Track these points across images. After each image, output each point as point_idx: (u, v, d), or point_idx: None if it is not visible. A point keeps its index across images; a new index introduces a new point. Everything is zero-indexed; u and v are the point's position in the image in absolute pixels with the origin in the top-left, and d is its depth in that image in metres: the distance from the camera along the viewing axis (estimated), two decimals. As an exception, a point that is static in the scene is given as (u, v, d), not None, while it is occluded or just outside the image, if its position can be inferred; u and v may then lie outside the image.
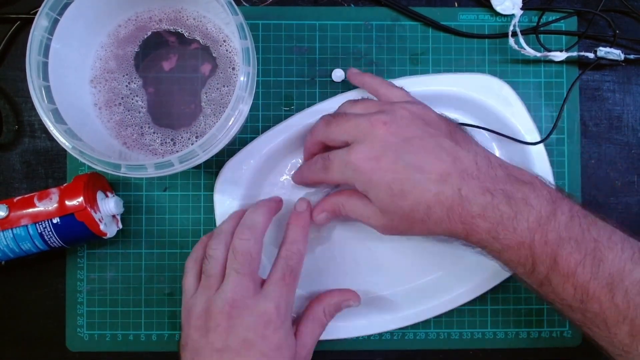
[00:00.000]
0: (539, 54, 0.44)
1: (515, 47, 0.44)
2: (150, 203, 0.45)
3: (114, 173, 0.36)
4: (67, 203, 0.40)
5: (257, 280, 0.37)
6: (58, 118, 0.36)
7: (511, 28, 0.44)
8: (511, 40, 0.44)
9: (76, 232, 0.40)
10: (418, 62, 0.46)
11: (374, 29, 0.46)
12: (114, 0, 0.41)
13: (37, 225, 0.40)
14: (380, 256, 0.44)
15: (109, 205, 0.42)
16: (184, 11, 0.43)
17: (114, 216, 0.43)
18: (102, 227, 0.41)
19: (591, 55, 0.45)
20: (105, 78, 0.43)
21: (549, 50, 0.45)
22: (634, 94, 0.47)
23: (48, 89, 0.37)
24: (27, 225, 0.40)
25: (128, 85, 0.43)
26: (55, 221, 0.40)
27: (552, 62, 0.45)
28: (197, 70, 0.44)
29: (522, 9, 0.45)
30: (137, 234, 0.45)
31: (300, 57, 0.46)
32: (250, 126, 0.45)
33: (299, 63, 0.46)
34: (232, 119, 0.36)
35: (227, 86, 0.43)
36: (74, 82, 0.41)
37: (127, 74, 0.43)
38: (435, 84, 0.44)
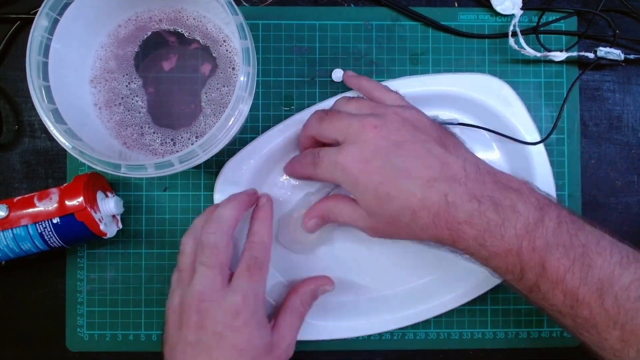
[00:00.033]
0: (539, 54, 0.44)
1: (515, 47, 0.44)
2: (150, 203, 0.45)
3: (114, 173, 0.36)
4: (67, 203, 0.40)
5: (225, 273, 0.37)
6: (58, 118, 0.36)
7: (511, 28, 0.44)
8: (511, 40, 0.44)
9: (76, 232, 0.40)
10: (418, 62, 0.46)
11: (374, 29, 0.46)
12: (114, 0, 0.41)
13: (37, 225, 0.40)
14: (381, 256, 0.44)
15: (109, 205, 0.42)
16: (184, 11, 0.43)
17: (114, 216, 0.43)
18: (102, 227, 0.41)
19: (591, 55, 0.45)
20: (105, 78, 0.43)
21: (549, 50, 0.45)
22: (634, 94, 0.47)
23: (48, 89, 0.37)
24: (27, 225, 0.40)
25: (128, 85, 0.43)
26: (55, 221, 0.40)
27: (552, 62, 0.45)
28: (197, 70, 0.44)
29: (522, 9, 0.45)
30: (137, 234, 0.45)
31: (300, 57, 0.46)
32: (250, 126, 0.45)
33: (299, 63, 0.46)
34: (232, 119, 0.36)
35: (227, 86, 0.43)
36: (74, 82, 0.41)
37: (127, 74, 0.43)
38: (435, 84, 0.44)
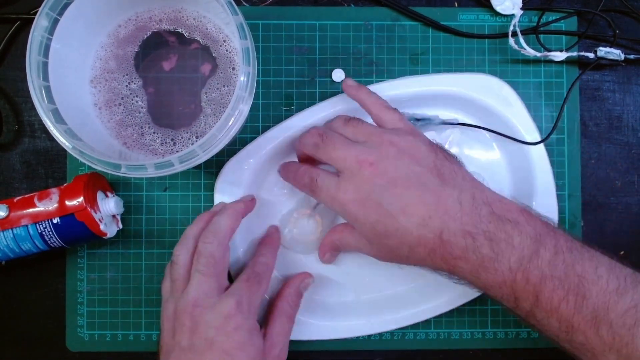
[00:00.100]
0: (539, 54, 0.44)
1: (515, 47, 0.44)
2: (150, 203, 0.45)
3: (114, 173, 0.36)
4: (67, 203, 0.40)
5: (222, 282, 0.38)
6: (58, 118, 0.36)
7: (511, 28, 0.44)
8: (511, 40, 0.44)
9: (76, 232, 0.40)
10: (418, 62, 0.46)
11: (374, 29, 0.46)
12: (114, 0, 0.41)
13: (37, 225, 0.40)
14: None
15: (109, 205, 0.42)
16: (184, 11, 0.43)
17: (114, 216, 0.43)
18: (102, 227, 0.41)
19: (591, 55, 0.45)
20: (105, 78, 0.43)
21: (549, 50, 0.44)
22: (634, 94, 0.47)
23: (48, 89, 0.37)
24: (27, 225, 0.40)
25: (128, 85, 0.43)
26: (55, 221, 0.40)
27: (552, 62, 0.45)
28: (197, 70, 0.44)
29: (522, 9, 0.45)
30: (137, 234, 0.45)
31: (300, 57, 0.46)
32: (250, 126, 0.45)
33: (299, 63, 0.46)
34: (232, 119, 0.36)
35: (227, 86, 0.43)
36: (74, 82, 0.41)
37: (127, 74, 0.43)
38: (435, 84, 0.44)
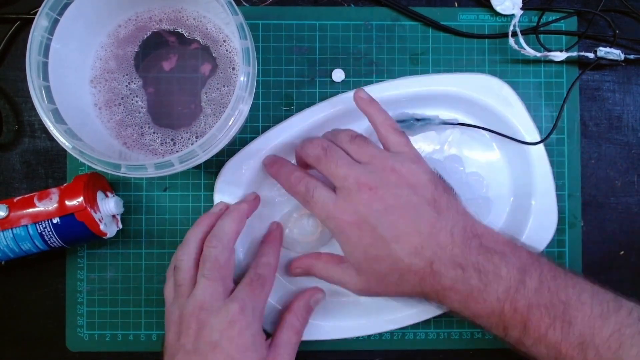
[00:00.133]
0: (539, 54, 0.44)
1: (515, 47, 0.44)
2: (150, 203, 0.45)
3: (114, 173, 0.36)
4: (67, 203, 0.40)
5: (227, 286, 0.38)
6: (58, 118, 0.36)
7: (511, 28, 0.44)
8: (511, 40, 0.44)
9: (76, 232, 0.40)
10: (418, 62, 0.46)
11: (374, 29, 0.46)
12: (114, 0, 0.41)
13: (37, 225, 0.40)
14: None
15: (109, 205, 0.42)
16: (184, 11, 0.43)
17: (114, 216, 0.43)
18: (102, 227, 0.41)
19: (591, 55, 0.45)
20: (105, 78, 0.43)
21: (549, 50, 0.44)
22: (634, 94, 0.47)
23: (48, 89, 0.37)
24: (27, 225, 0.40)
25: (128, 85, 0.43)
26: (55, 221, 0.40)
27: (552, 62, 0.45)
28: (197, 70, 0.44)
29: (522, 9, 0.45)
30: (137, 234, 0.45)
31: (300, 57, 0.46)
32: (250, 126, 0.45)
33: (299, 63, 0.46)
34: (232, 119, 0.36)
35: (227, 86, 0.43)
36: (74, 82, 0.41)
37: (127, 74, 0.43)
38: (435, 84, 0.44)
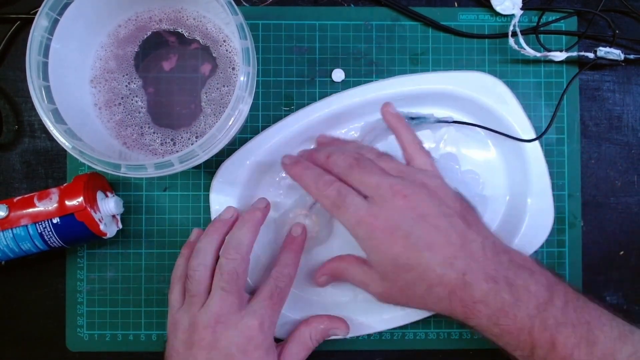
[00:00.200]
0: (539, 54, 0.44)
1: (515, 47, 0.44)
2: (150, 203, 0.45)
3: (114, 173, 0.36)
4: (67, 203, 0.40)
5: (243, 297, 0.38)
6: (58, 118, 0.36)
7: (511, 28, 0.44)
8: (511, 40, 0.44)
9: (76, 232, 0.40)
10: (418, 62, 0.46)
11: (374, 29, 0.46)
12: (114, 0, 0.41)
13: (37, 225, 0.40)
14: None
15: (109, 205, 0.42)
16: (184, 11, 0.43)
17: (114, 216, 0.43)
18: (102, 227, 0.41)
19: (591, 55, 0.45)
20: (105, 78, 0.43)
21: (549, 50, 0.44)
22: (634, 94, 0.47)
23: (48, 89, 0.37)
24: (27, 225, 0.40)
25: (128, 85, 0.43)
26: (55, 221, 0.40)
27: (552, 62, 0.45)
28: (197, 70, 0.44)
29: (522, 9, 0.45)
30: (137, 234, 0.45)
31: (300, 57, 0.46)
32: (250, 126, 0.45)
33: (299, 63, 0.46)
34: (232, 119, 0.36)
35: (227, 86, 0.43)
36: (74, 82, 0.41)
37: (127, 74, 0.43)
38: (429, 82, 0.44)
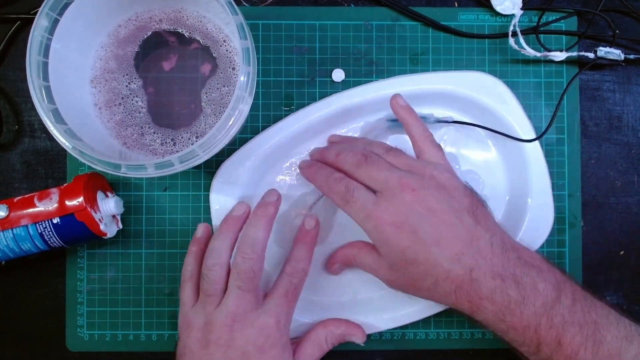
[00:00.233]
0: (539, 54, 0.44)
1: (515, 47, 0.44)
2: (150, 203, 0.45)
3: (114, 173, 0.36)
4: (67, 203, 0.40)
5: (259, 295, 0.38)
6: (58, 118, 0.36)
7: (511, 28, 0.44)
8: (511, 40, 0.44)
9: (76, 232, 0.40)
10: (418, 62, 0.46)
11: (374, 29, 0.46)
12: (114, 0, 0.41)
13: (37, 225, 0.40)
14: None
15: (109, 205, 0.42)
16: (184, 11, 0.43)
17: (114, 216, 0.43)
18: (102, 227, 0.41)
19: (591, 55, 0.45)
20: (105, 78, 0.43)
21: (549, 50, 0.44)
22: (634, 94, 0.47)
23: (48, 89, 0.37)
24: (27, 225, 0.40)
25: (128, 85, 0.43)
26: (55, 221, 0.40)
27: (552, 62, 0.45)
28: (197, 70, 0.44)
29: (522, 9, 0.45)
30: (137, 234, 0.45)
31: (300, 57, 0.46)
32: (250, 126, 0.45)
33: (299, 63, 0.46)
34: (232, 119, 0.36)
35: (227, 86, 0.43)
36: (74, 82, 0.41)
37: (127, 74, 0.43)
38: (429, 82, 0.44)
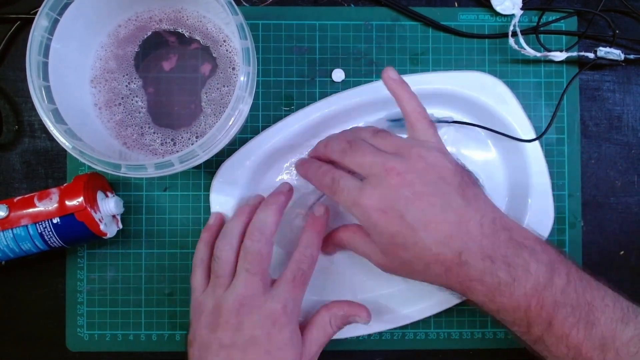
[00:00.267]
0: (539, 54, 0.44)
1: (515, 47, 0.44)
2: (150, 203, 0.45)
3: (114, 173, 0.36)
4: (67, 203, 0.40)
5: (267, 279, 0.38)
6: (58, 118, 0.36)
7: (511, 28, 0.44)
8: (511, 40, 0.44)
9: (76, 232, 0.40)
10: (418, 62, 0.46)
11: (374, 29, 0.46)
12: (114, 0, 0.41)
13: (37, 225, 0.40)
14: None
15: (109, 205, 0.42)
16: (184, 11, 0.43)
17: (114, 216, 0.43)
18: (102, 227, 0.41)
19: (591, 55, 0.45)
20: (105, 78, 0.43)
21: (549, 50, 0.44)
22: (634, 94, 0.47)
23: (48, 89, 0.37)
24: (27, 225, 0.40)
25: (128, 85, 0.43)
26: (55, 221, 0.40)
27: (552, 62, 0.45)
28: (197, 70, 0.44)
29: (522, 9, 0.45)
30: (137, 234, 0.45)
31: (300, 57, 0.46)
32: (250, 126, 0.45)
33: (299, 63, 0.46)
34: (232, 119, 0.36)
35: (227, 86, 0.43)
36: (74, 82, 0.41)
37: (127, 74, 0.43)
38: (429, 82, 0.44)
